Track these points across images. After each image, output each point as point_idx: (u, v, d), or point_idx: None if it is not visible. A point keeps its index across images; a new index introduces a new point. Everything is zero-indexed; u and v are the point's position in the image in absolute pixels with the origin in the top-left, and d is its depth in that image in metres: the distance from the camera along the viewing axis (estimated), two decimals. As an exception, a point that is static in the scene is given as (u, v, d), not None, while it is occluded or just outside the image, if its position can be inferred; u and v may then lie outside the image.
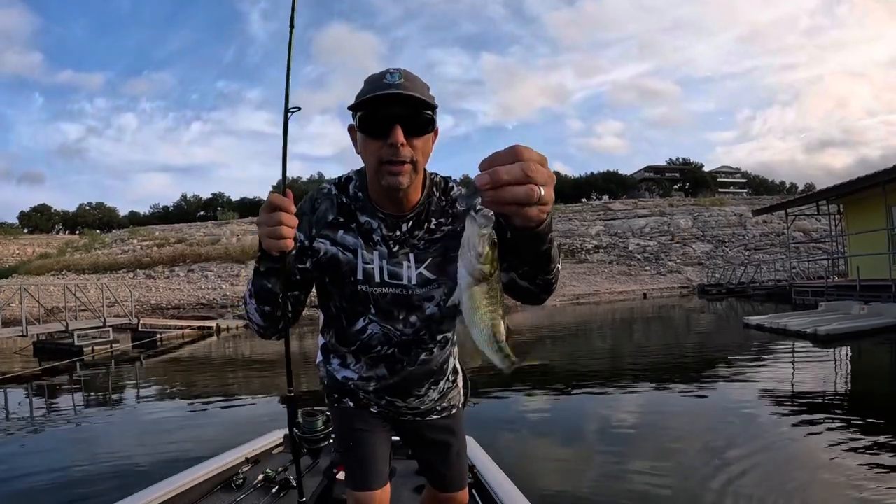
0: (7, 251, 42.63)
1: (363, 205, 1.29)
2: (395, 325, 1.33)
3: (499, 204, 0.71)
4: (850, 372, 7.65)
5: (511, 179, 0.69)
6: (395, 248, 1.28)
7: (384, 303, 1.30)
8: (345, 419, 1.46)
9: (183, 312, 21.66)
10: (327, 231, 1.29)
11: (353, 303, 1.32)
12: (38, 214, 69.62)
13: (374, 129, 1.14)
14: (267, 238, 1.10)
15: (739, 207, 41.09)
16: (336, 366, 1.45)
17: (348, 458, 1.44)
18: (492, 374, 8.37)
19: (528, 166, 0.69)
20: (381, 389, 1.41)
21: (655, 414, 5.59)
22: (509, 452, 4.36)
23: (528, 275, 0.97)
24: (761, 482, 3.52)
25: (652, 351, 10.81)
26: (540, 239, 0.86)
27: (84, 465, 4.56)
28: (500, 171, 0.69)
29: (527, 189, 0.69)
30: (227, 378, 9.52)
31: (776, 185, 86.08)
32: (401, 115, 1.12)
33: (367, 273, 1.28)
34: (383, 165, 1.15)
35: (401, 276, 1.28)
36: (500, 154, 0.71)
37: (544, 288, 1.02)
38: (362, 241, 1.28)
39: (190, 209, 70.86)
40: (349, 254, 1.28)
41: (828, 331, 9.76)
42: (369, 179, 1.26)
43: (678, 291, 27.08)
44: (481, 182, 0.69)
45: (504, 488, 2.27)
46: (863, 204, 16.44)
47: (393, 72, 1.14)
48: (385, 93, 1.11)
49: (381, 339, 1.34)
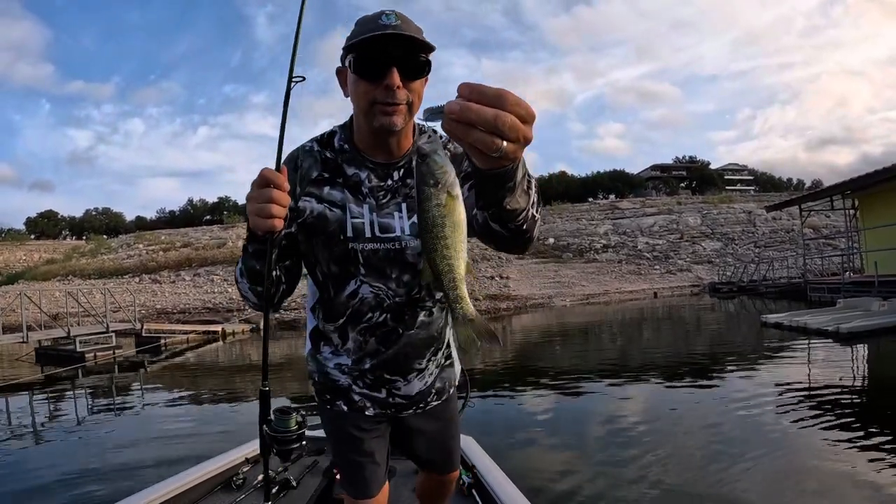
0: (14, 257, 42.76)
1: (350, 156, 1.23)
2: (387, 285, 1.24)
3: (455, 137, 0.65)
4: (881, 371, 7.34)
5: (478, 122, 0.62)
6: (385, 198, 1.22)
7: (375, 260, 1.22)
8: (339, 424, 1.36)
9: (189, 316, 21.49)
10: (312, 188, 1.22)
11: (343, 264, 1.23)
12: (45, 220, 70.04)
13: (369, 70, 1.09)
14: (255, 216, 1.03)
15: (748, 205, 40.68)
16: (328, 354, 1.35)
17: (344, 464, 1.37)
18: (493, 374, 8.32)
19: (502, 119, 0.63)
20: (379, 366, 1.31)
21: (671, 415, 5.40)
22: (509, 452, 4.35)
23: (497, 217, 0.88)
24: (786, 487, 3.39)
25: (667, 351, 10.56)
26: (497, 184, 0.78)
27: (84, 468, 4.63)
28: (471, 109, 0.62)
29: (489, 140, 0.64)
30: (230, 381, 9.43)
31: (783, 182, 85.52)
32: (397, 56, 1.07)
33: (356, 228, 1.20)
34: (376, 106, 1.10)
35: (392, 227, 1.22)
36: (485, 92, 0.63)
37: (517, 234, 0.92)
38: (350, 195, 1.21)
39: (196, 213, 71.09)
40: (337, 210, 1.20)
41: (850, 328, 9.44)
42: (357, 127, 1.21)
43: (689, 290, 26.73)
44: (449, 108, 0.63)
45: (504, 488, 2.24)
46: (879, 198, 16.14)
47: (388, 13, 1.08)
48: (382, 33, 1.05)
49: (371, 303, 1.25)
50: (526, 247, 0.99)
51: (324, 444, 2.82)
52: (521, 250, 1.01)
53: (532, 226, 0.94)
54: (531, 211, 0.91)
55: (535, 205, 0.92)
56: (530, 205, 0.89)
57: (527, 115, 0.64)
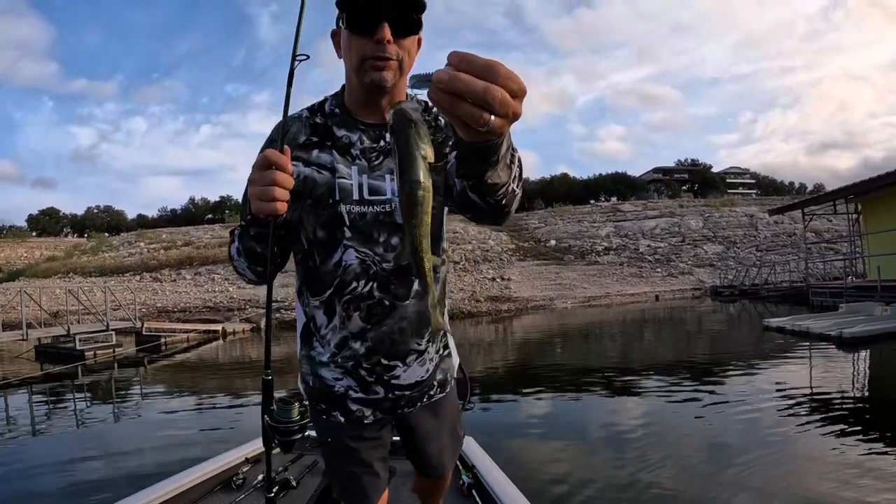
0: (15, 254, 42.75)
1: (341, 119, 1.20)
2: (373, 250, 1.18)
3: (441, 108, 0.61)
4: (884, 377, 7.29)
5: (466, 93, 0.59)
6: (377, 160, 1.19)
7: (362, 224, 1.17)
8: (335, 435, 1.28)
9: (189, 315, 21.44)
10: (300, 153, 1.18)
11: (329, 228, 1.17)
12: (47, 218, 70.03)
13: (360, 25, 1.08)
14: (258, 200, 0.99)
15: (750, 208, 40.58)
16: (319, 349, 1.25)
17: (341, 477, 1.30)
18: (493, 375, 8.30)
19: (492, 92, 0.59)
20: (374, 349, 1.21)
21: (672, 418, 5.38)
22: (509, 453, 4.35)
23: (476, 188, 0.87)
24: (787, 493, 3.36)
25: (668, 354, 10.52)
26: (480, 157, 0.77)
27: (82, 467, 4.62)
28: (460, 79, 0.59)
29: (477, 113, 0.60)
30: (230, 381, 9.40)
31: (785, 186, 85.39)
32: (389, 13, 1.07)
33: (343, 189, 1.16)
34: (367, 61, 1.09)
35: (383, 189, 1.18)
36: (475, 62, 0.60)
37: (495, 207, 0.92)
38: (339, 156, 1.18)
39: (198, 212, 71.00)
40: (326, 172, 1.17)
41: (853, 333, 9.39)
42: (350, 87, 1.20)
43: (690, 293, 26.65)
44: (437, 77, 0.60)
45: (504, 488, 2.24)
46: (882, 203, 16.09)
47: None
48: None
49: (356, 271, 1.18)
50: (502, 220, 0.99)
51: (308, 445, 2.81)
52: (496, 223, 1.01)
53: (511, 200, 0.93)
54: (512, 185, 0.89)
55: (517, 179, 0.91)
56: (511, 179, 0.88)
57: (518, 90, 0.61)
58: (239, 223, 1.16)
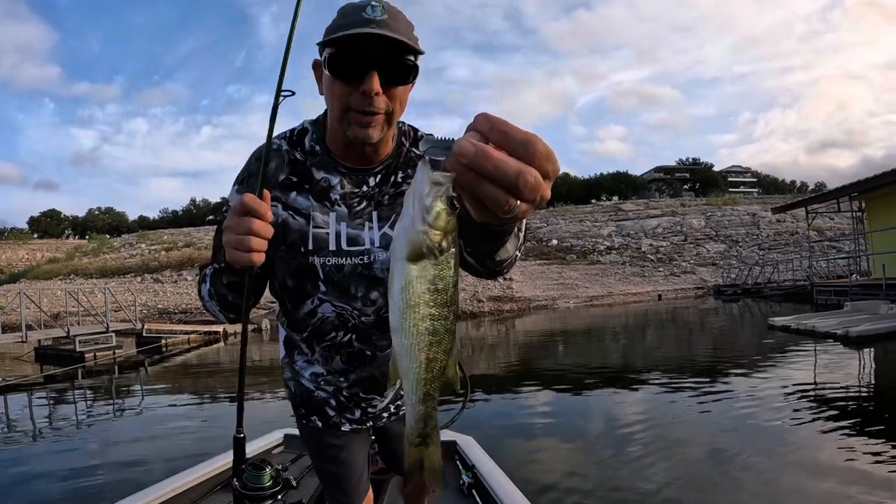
0: (16, 256, 42.77)
1: (321, 160, 1.10)
2: (352, 305, 1.12)
3: (460, 185, 0.49)
4: (892, 375, 7.20)
5: (496, 176, 0.47)
6: (358, 206, 1.10)
7: (339, 277, 1.10)
8: (315, 438, 1.30)
9: (190, 317, 21.37)
10: (278, 193, 1.08)
11: (300, 278, 1.11)
12: (48, 219, 70.16)
13: (345, 72, 0.95)
14: (233, 249, 0.89)
15: (752, 207, 40.50)
16: (301, 363, 1.26)
17: (325, 476, 1.34)
18: (494, 375, 8.24)
19: (525, 177, 0.46)
20: (355, 384, 1.22)
21: (675, 418, 5.31)
22: (509, 452, 4.34)
23: (476, 254, 0.80)
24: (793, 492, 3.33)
25: (672, 354, 10.45)
26: (491, 238, 0.72)
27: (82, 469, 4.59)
28: (490, 158, 0.46)
29: (503, 199, 0.48)
30: (231, 383, 9.23)
31: (787, 185, 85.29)
32: (380, 59, 0.93)
33: (318, 240, 1.08)
34: (350, 113, 0.97)
35: (362, 239, 1.09)
36: (511, 136, 0.47)
37: (491, 272, 0.87)
38: (316, 203, 1.08)
39: (199, 213, 71.08)
40: (300, 218, 1.08)
41: (859, 332, 9.30)
42: (330, 127, 1.08)
43: (693, 292, 26.57)
44: (461, 149, 0.47)
45: (504, 488, 2.25)
46: (887, 200, 15.99)
47: (375, 4, 0.93)
48: (364, 31, 0.90)
49: (334, 322, 1.14)
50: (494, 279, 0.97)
51: None
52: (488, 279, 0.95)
53: (511, 266, 0.87)
54: (516, 254, 0.84)
55: (521, 246, 0.85)
56: (517, 248, 0.82)
57: (552, 172, 0.49)
58: (210, 263, 1.08)
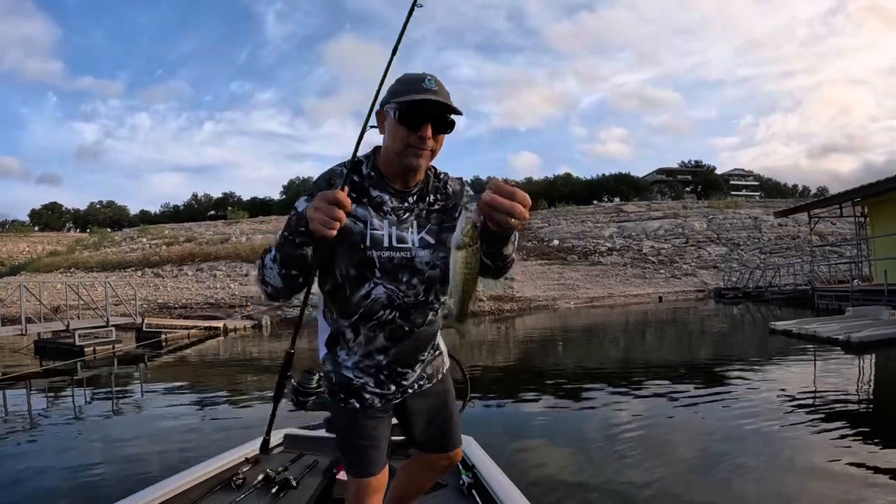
0: (17, 248, 42.80)
1: (376, 181, 1.50)
2: (398, 287, 1.49)
3: (484, 214, 1.17)
4: (894, 382, 7.18)
5: (503, 210, 1.14)
6: (403, 216, 1.51)
7: (390, 266, 1.47)
8: (351, 418, 1.57)
9: (191, 311, 21.34)
10: None
11: (360, 268, 1.47)
12: (49, 212, 70.18)
13: (409, 122, 1.40)
14: (321, 225, 1.26)
15: (754, 210, 40.42)
16: (343, 356, 1.56)
17: (351, 450, 1.57)
18: (494, 375, 8.21)
19: (515, 209, 1.14)
20: (394, 360, 1.54)
21: (675, 421, 5.32)
22: (509, 452, 4.37)
23: (490, 255, 1.36)
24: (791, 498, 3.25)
25: (672, 357, 10.42)
26: (501, 241, 1.32)
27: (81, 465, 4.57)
28: (498, 201, 1.14)
29: (506, 220, 1.15)
30: (231, 378, 9.34)
31: (789, 189, 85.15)
32: (432, 115, 1.40)
33: (374, 239, 1.46)
34: (409, 148, 1.42)
35: (406, 239, 1.50)
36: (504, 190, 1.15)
37: (501, 268, 1.44)
38: (373, 212, 1.48)
39: (200, 208, 71.16)
40: (360, 223, 1.46)
41: (861, 337, 9.30)
42: (386, 159, 1.50)
43: (694, 295, 26.52)
44: (486, 197, 1.14)
45: (504, 488, 2.28)
46: (890, 206, 15.96)
47: (429, 78, 1.42)
48: (426, 98, 1.37)
49: (384, 302, 1.48)
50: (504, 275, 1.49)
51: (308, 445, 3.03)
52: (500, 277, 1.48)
53: (510, 264, 1.46)
54: (513, 255, 1.45)
55: (516, 251, 1.46)
56: (513, 251, 1.43)
57: (528, 206, 1.15)
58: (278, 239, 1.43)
